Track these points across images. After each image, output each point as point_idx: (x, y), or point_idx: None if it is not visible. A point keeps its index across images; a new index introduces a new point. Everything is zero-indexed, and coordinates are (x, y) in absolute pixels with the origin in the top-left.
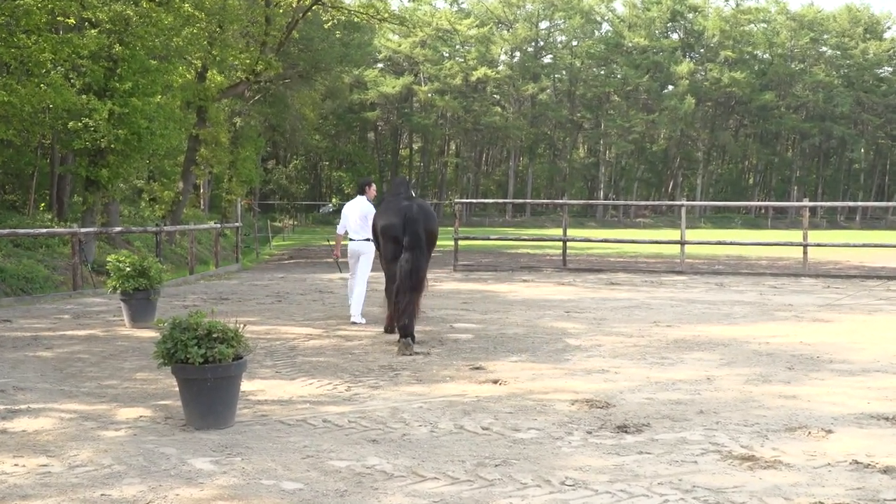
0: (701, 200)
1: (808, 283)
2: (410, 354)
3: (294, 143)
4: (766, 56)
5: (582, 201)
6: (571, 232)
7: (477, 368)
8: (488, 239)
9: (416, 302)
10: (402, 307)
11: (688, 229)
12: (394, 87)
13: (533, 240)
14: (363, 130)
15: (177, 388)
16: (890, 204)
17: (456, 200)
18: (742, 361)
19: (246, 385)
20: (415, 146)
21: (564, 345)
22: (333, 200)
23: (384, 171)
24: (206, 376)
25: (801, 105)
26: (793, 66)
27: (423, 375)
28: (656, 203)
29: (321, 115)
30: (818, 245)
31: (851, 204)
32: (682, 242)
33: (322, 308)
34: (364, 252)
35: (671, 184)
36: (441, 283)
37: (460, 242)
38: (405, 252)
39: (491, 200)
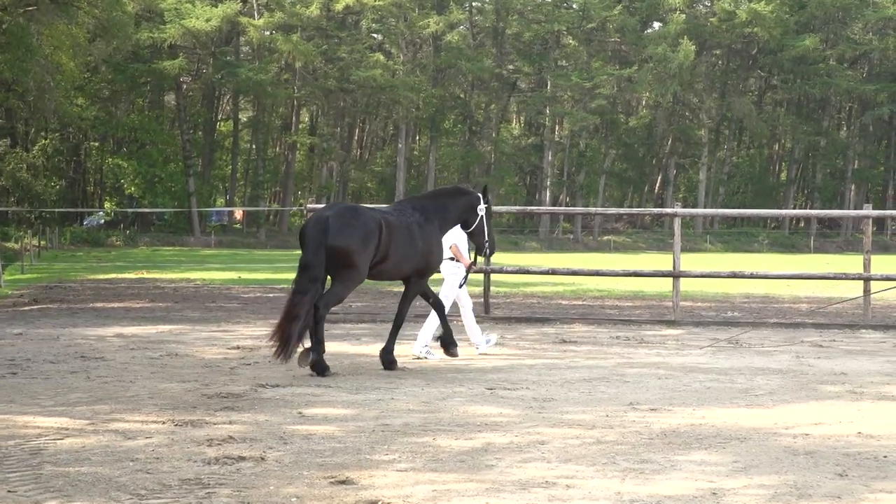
0: (705, 207)
1: (873, 338)
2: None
3: (42, 110)
4: None
5: (516, 208)
6: (502, 257)
7: (342, 482)
8: None
9: (284, 329)
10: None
11: (685, 253)
12: (208, 21)
13: None
14: (157, 91)
15: None
16: None
17: (308, 205)
18: (767, 465)
19: None
20: (243, 117)
21: (485, 442)
22: (107, 206)
23: (191, 158)
24: None
25: (860, 56)
26: None
27: (253, 496)
28: (636, 211)
29: (87, 65)
30: (888, 279)
31: None
32: (676, 275)
33: (86, 385)
34: (443, 273)
35: (659, 180)
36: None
37: None
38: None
39: (369, 206)
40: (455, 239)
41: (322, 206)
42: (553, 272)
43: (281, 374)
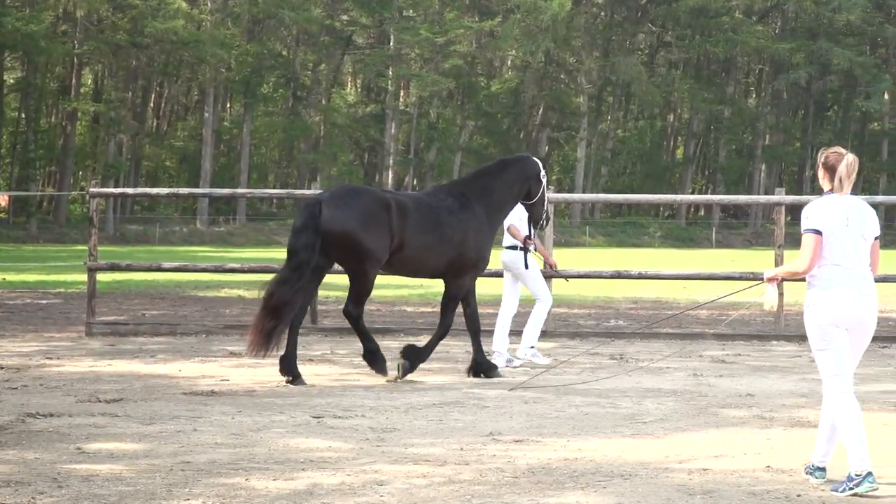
0: (583, 191)
1: (786, 351)
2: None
3: None
4: None
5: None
6: None
7: None
8: (160, 269)
9: (260, 323)
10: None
11: (559, 248)
12: None
13: (250, 270)
14: None
15: None
16: None
17: (91, 189)
18: None
19: None
20: (9, 78)
21: (311, 483)
22: None
23: None
24: None
25: (772, 8)
26: None
27: None
28: None
29: None
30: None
31: (869, 199)
32: (548, 275)
33: None
34: (509, 266)
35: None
36: (59, 361)
37: (101, 277)
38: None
39: (167, 190)
40: (511, 218)
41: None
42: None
43: (56, 401)
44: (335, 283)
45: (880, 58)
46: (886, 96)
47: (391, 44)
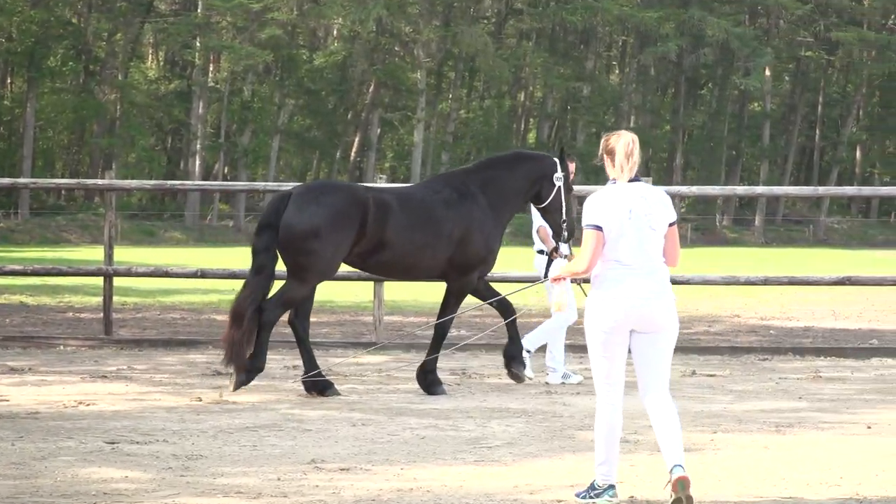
0: (421, 179)
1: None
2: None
3: None
4: None
5: (151, 183)
6: (132, 253)
7: None
8: None
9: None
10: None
11: None
12: None
13: (34, 273)
14: None
15: None
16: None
17: None
18: None
19: None
20: None
21: None
22: None
23: None
24: None
25: None
26: None
27: None
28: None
29: None
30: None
31: (748, 189)
32: (379, 279)
33: None
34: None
35: (356, 142)
36: None
37: None
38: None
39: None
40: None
41: None
42: (203, 275)
43: None
44: (135, 288)
45: (761, 28)
46: (768, 72)
47: (199, 10)
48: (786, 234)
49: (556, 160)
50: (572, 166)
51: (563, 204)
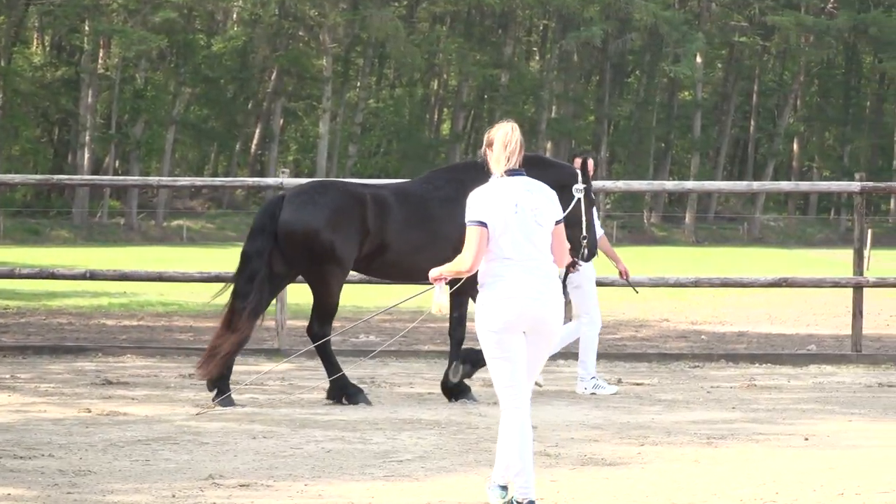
0: (328, 175)
1: (574, 373)
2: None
3: None
4: None
5: (35, 178)
6: (14, 253)
7: None
8: None
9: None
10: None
11: None
12: None
13: None
14: None
15: None
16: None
17: None
18: None
19: None
20: None
21: None
22: None
23: None
24: None
25: None
26: None
27: None
28: (224, 182)
29: None
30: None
31: (678, 185)
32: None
33: None
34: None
35: (257, 134)
36: None
37: None
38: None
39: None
40: None
41: None
42: (92, 276)
43: None
44: (19, 291)
45: (691, 12)
46: (699, 59)
47: None
48: (718, 232)
49: (576, 170)
50: (590, 165)
51: (584, 218)
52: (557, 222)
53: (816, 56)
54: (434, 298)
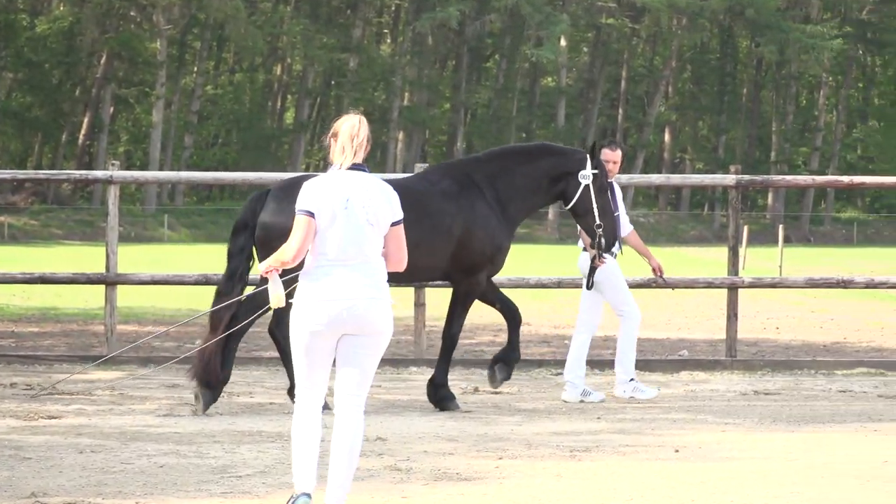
0: (161, 168)
1: (426, 380)
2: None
3: None
4: None
5: None
6: None
7: None
8: None
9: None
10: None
11: (131, 245)
12: None
13: None
14: None
15: None
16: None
17: None
18: None
19: None
20: None
21: None
22: None
23: None
24: None
25: None
26: None
27: None
28: (47, 175)
29: None
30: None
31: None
32: (111, 281)
33: None
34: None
35: (85, 123)
36: None
37: None
38: None
39: None
40: None
41: None
42: None
43: None
44: None
45: None
46: (564, 42)
47: None
48: None
49: (587, 156)
50: (615, 155)
51: (595, 206)
52: (394, 224)
53: (689, 40)
54: (270, 292)
